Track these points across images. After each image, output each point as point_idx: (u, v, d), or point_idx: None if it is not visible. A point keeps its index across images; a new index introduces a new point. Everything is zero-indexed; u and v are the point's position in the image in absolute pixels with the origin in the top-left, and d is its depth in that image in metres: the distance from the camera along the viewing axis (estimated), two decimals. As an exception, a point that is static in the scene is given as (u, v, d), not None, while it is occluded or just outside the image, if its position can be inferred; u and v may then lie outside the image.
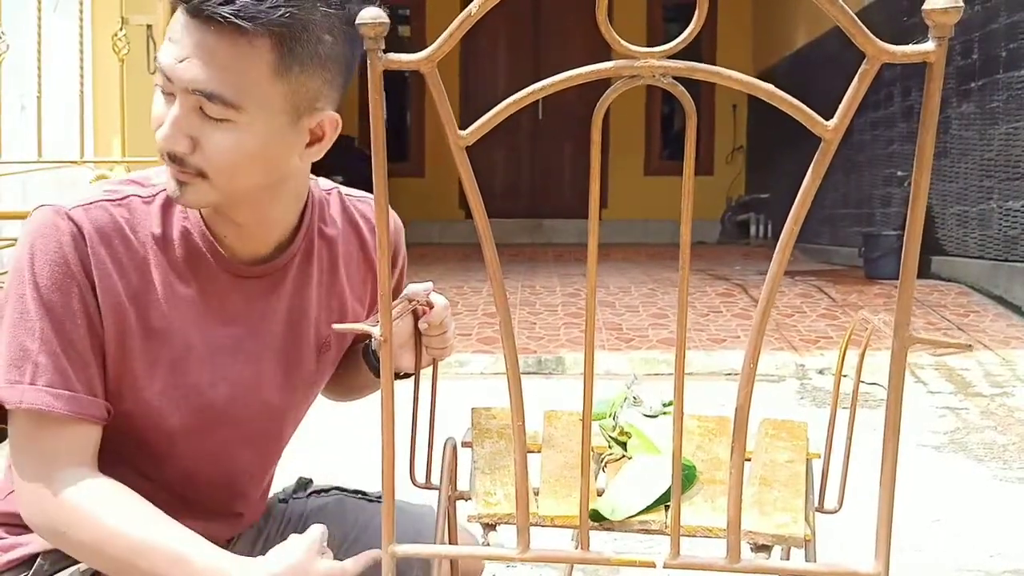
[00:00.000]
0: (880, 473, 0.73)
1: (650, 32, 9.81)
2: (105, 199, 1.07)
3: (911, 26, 5.78)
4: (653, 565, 0.77)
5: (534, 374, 4.03)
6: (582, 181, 10.07)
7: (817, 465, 1.09)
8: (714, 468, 1.05)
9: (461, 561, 1.19)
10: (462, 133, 0.74)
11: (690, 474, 1.02)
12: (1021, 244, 4.79)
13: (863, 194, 6.71)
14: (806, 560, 0.99)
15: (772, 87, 0.68)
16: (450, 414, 1.23)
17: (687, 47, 0.70)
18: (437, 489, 1.09)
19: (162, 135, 1.00)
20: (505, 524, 0.97)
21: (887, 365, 0.72)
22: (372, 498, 1.37)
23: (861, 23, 0.66)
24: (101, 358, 1.06)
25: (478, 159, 0.72)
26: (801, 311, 4.85)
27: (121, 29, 3.17)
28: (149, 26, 3.33)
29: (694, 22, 0.67)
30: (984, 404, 3.57)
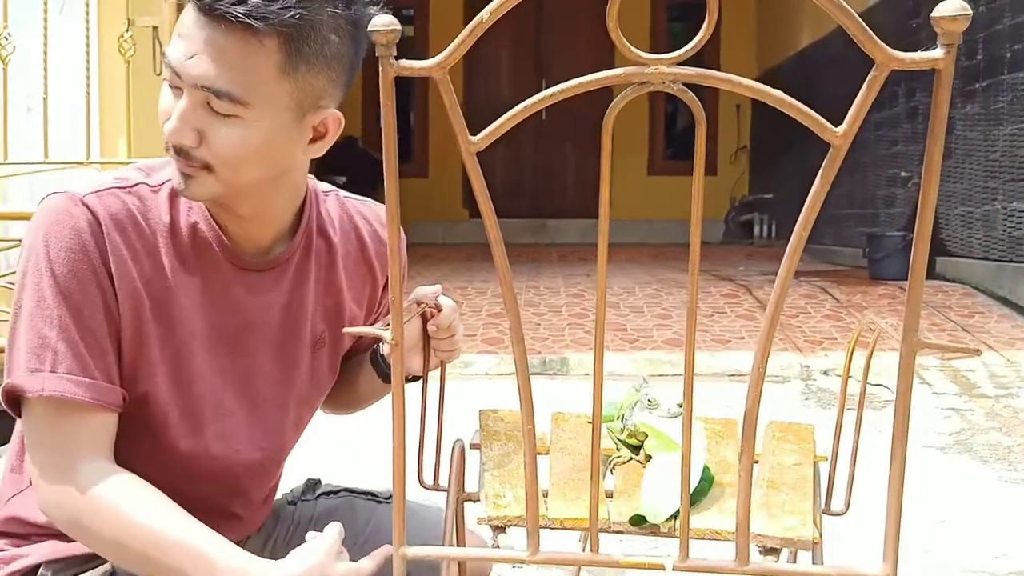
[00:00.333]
0: (888, 476, 0.73)
1: (653, 33, 9.81)
2: (116, 186, 1.08)
3: (916, 27, 5.78)
4: (663, 567, 0.77)
5: (538, 375, 4.03)
6: (585, 181, 10.07)
7: (823, 467, 1.10)
8: (721, 471, 1.05)
9: (469, 562, 1.20)
10: (473, 139, 0.75)
11: (707, 478, 1.02)
12: (1026, 245, 4.79)
13: (867, 194, 6.71)
14: (813, 563, 1.00)
15: (782, 94, 0.69)
16: (455, 415, 1.23)
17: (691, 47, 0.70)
18: (445, 491, 1.10)
19: (169, 128, 1.01)
20: (515, 526, 0.97)
21: (892, 366, 0.72)
22: (382, 499, 1.37)
23: (870, 30, 0.66)
24: (117, 344, 1.06)
25: (482, 159, 0.73)
26: (805, 312, 4.85)
27: (127, 31, 3.18)
28: (155, 28, 3.33)
29: (704, 30, 0.67)
30: (989, 405, 3.57)
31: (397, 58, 0.71)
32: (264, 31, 0.97)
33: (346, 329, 0.90)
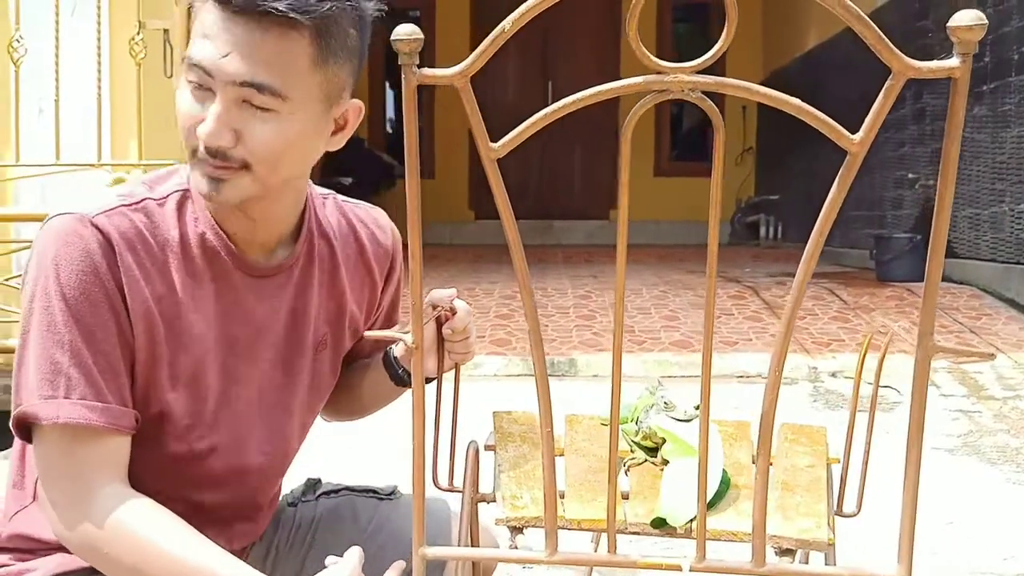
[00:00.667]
0: (904, 479, 0.74)
1: (659, 34, 9.82)
2: (123, 205, 1.07)
3: (923, 29, 5.78)
4: (679, 568, 0.78)
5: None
6: (592, 183, 10.07)
7: (835, 469, 1.11)
8: (736, 473, 1.06)
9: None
10: (493, 146, 0.76)
11: (725, 481, 1.03)
12: (1033, 247, 4.79)
13: (874, 196, 6.70)
14: (826, 564, 1.01)
15: (800, 102, 0.69)
16: (464, 415, 1.25)
17: (695, 47, 0.71)
18: (459, 491, 1.11)
19: (207, 131, 1.01)
20: (532, 527, 0.98)
21: (900, 368, 0.73)
22: (383, 495, 1.37)
23: (887, 38, 0.67)
24: (130, 366, 1.06)
25: None
26: (813, 313, 4.85)
27: (138, 33, 3.20)
28: (166, 30, 3.35)
29: (723, 39, 0.68)
30: (997, 407, 3.57)
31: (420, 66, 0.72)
32: (302, 24, 1.00)
33: (367, 333, 0.91)
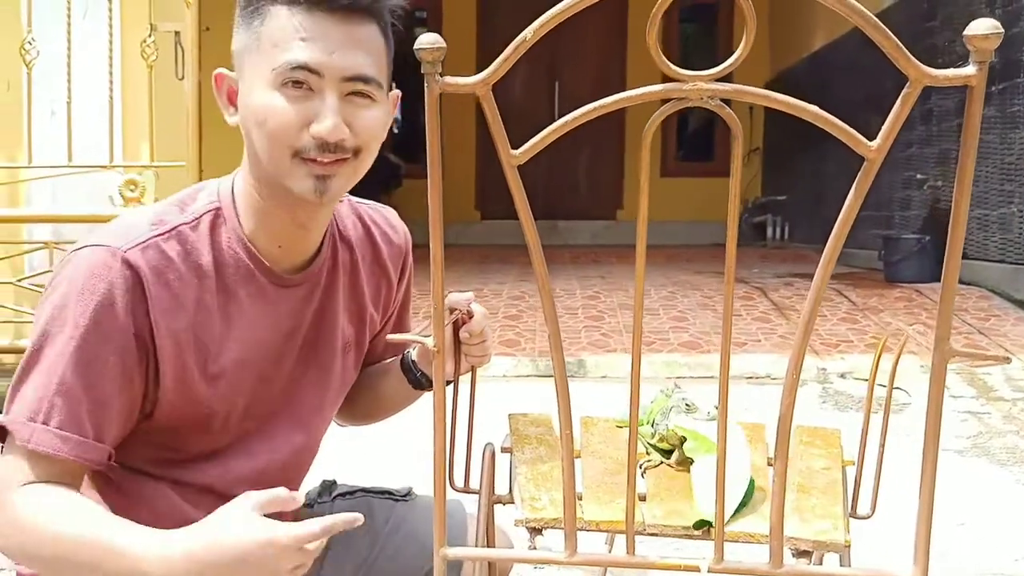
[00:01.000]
0: (920, 481, 0.75)
1: (666, 34, 9.81)
2: (155, 235, 1.08)
3: (931, 30, 5.77)
4: (697, 569, 0.79)
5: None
6: (597, 183, 10.07)
7: (849, 471, 1.12)
8: (753, 475, 1.07)
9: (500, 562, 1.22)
10: (514, 152, 0.77)
11: (752, 481, 1.04)
12: (1042, 248, 4.79)
13: (882, 197, 6.70)
14: (840, 565, 1.02)
15: (818, 109, 0.70)
16: (475, 416, 1.26)
17: (702, 47, 0.72)
18: (474, 493, 1.12)
19: (329, 127, 1.05)
20: (552, 528, 0.99)
21: (909, 369, 0.74)
22: (399, 497, 1.39)
23: (904, 47, 0.68)
24: (131, 402, 1.07)
25: (495, 161, 0.75)
26: (821, 314, 4.85)
27: (150, 35, 3.21)
28: (177, 32, 3.36)
29: (741, 47, 0.69)
30: (1006, 408, 3.57)
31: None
32: (379, 15, 1.09)
33: (390, 337, 0.92)
